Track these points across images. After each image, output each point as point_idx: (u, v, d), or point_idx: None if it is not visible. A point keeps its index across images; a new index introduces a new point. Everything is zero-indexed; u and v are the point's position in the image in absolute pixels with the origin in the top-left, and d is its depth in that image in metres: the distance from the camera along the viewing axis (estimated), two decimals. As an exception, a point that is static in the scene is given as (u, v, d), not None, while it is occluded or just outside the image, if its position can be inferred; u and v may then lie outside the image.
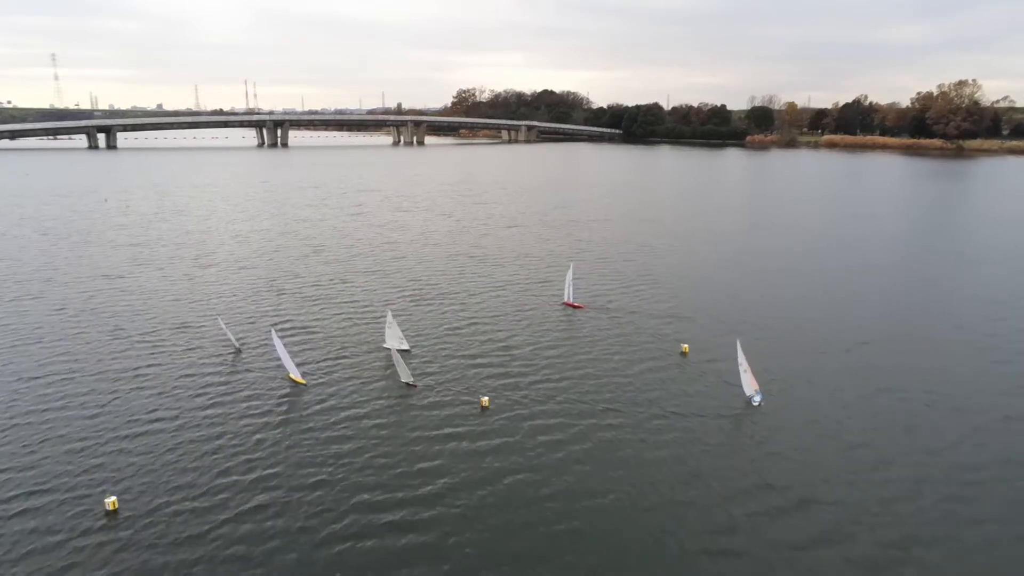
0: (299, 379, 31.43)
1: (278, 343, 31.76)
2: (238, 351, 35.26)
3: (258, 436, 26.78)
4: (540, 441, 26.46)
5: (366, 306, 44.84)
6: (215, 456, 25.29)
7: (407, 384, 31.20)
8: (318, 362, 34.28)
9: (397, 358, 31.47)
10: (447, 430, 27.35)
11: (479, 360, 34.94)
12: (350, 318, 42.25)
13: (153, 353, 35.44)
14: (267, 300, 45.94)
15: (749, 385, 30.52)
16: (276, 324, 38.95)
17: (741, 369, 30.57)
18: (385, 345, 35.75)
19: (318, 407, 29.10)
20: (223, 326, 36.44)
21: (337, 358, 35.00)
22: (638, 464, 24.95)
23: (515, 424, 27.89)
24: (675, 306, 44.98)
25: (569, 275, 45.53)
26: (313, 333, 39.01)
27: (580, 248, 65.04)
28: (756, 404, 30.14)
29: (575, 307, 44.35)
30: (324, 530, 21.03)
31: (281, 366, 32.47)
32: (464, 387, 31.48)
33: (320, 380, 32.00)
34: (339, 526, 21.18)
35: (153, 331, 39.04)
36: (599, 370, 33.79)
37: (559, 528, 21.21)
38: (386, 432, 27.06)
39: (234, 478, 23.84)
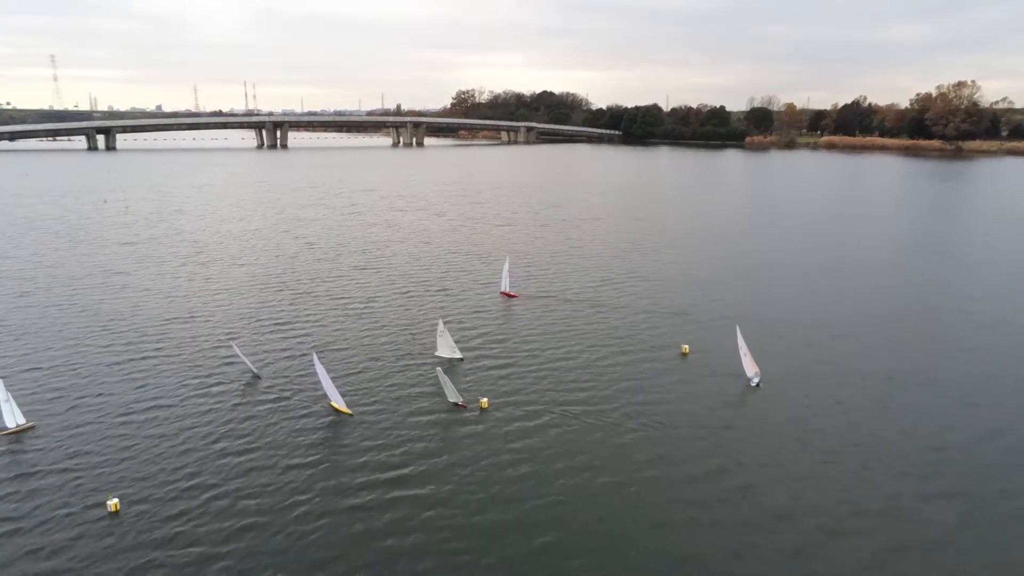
0: (343, 408, 28.53)
1: (320, 369, 28.80)
2: (257, 376, 32.36)
3: (285, 458, 26.37)
4: (547, 439, 26.57)
5: (381, 314, 43.36)
6: (200, 452, 25.41)
7: (455, 404, 29.17)
8: (361, 386, 31.48)
9: (444, 379, 29.19)
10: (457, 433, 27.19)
11: (485, 362, 34.75)
12: (373, 327, 40.04)
13: (164, 367, 33.51)
14: (278, 318, 41.88)
15: (750, 367, 31.59)
16: (312, 346, 35.50)
17: (741, 352, 31.71)
18: (437, 354, 34.45)
19: (366, 438, 26.62)
20: (238, 351, 33.21)
21: (373, 379, 32.37)
22: (642, 459, 25.16)
23: (526, 428, 27.88)
24: (662, 302, 45.13)
25: (505, 267, 47.61)
26: (346, 351, 36.12)
27: (570, 245, 65.37)
28: (755, 385, 31.20)
29: (511, 296, 46.22)
30: (334, 541, 20.98)
31: (305, 391, 30.49)
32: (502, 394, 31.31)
33: (366, 407, 29.21)
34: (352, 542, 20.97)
35: (161, 345, 36.73)
36: (596, 367, 33.95)
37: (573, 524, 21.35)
38: (435, 456, 25.43)
39: (224, 479, 23.93)
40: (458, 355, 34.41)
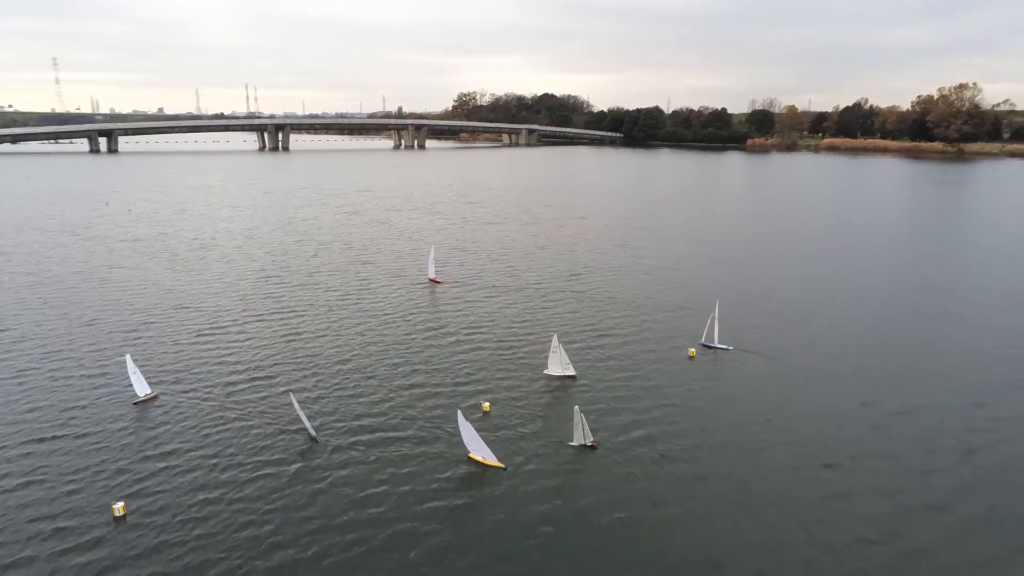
0: (494, 463, 24.82)
1: (465, 425, 25.16)
2: (314, 440, 26.86)
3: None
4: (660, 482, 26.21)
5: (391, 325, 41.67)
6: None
7: (582, 446, 26.03)
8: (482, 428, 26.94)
9: (580, 418, 25.89)
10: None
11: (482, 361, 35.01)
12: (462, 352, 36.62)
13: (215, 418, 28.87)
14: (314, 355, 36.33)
15: (716, 336, 36.60)
16: (455, 401, 29.86)
17: (714, 320, 36.72)
18: (546, 372, 32.22)
19: (517, 489, 23.68)
20: (296, 406, 27.34)
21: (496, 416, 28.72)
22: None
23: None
24: (668, 301, 45.49)
25: (431, 254, 52.36)
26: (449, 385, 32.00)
27: (559, 242, 65.55)
28: (724, 348, 36.16)
29: (436, 282, 50.92)
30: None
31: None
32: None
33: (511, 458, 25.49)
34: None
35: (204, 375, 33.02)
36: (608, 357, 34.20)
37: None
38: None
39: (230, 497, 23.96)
40: (571, 372, 31.64)
